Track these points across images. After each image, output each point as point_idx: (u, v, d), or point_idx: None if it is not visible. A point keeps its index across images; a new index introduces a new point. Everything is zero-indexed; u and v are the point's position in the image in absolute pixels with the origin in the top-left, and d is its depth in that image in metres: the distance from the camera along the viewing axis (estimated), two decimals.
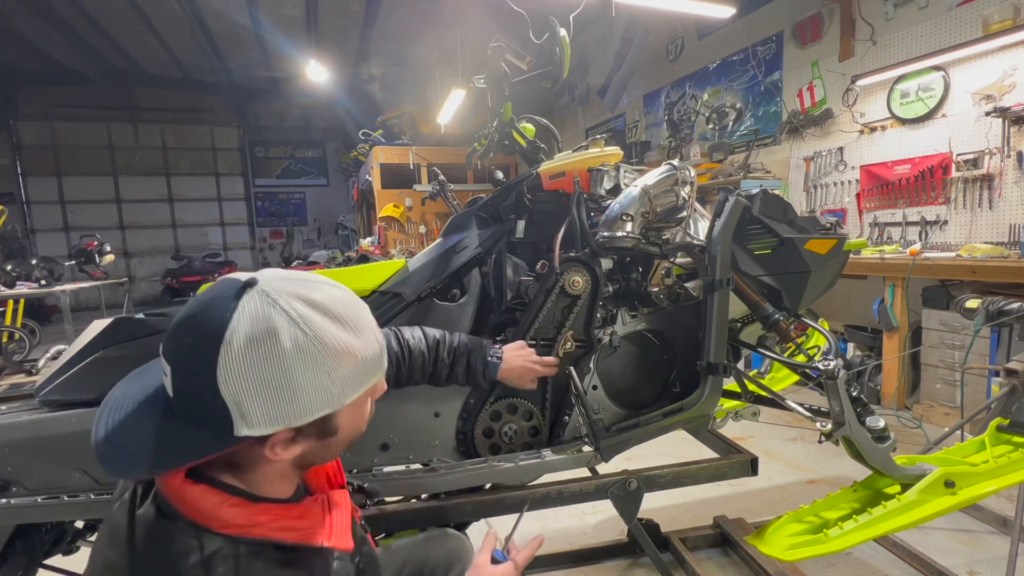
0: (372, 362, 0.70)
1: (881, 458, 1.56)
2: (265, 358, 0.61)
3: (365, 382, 0.69)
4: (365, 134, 9.29)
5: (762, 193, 1.67)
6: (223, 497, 0.66)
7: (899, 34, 4.03)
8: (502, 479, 1.52)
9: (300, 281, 0.67)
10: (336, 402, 0.66)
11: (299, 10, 8.24)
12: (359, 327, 0.68)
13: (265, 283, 0.64)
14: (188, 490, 0.66)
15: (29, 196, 11.96)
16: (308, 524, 0.71)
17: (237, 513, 0.66)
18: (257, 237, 14.31)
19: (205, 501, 0.65)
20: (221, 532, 0.65)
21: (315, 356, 0.63)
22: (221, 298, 0.63)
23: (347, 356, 0.65)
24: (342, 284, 0.73)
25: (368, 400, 0.74)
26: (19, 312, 6.11)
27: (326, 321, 0.65)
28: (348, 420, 0.71)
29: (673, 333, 1.74)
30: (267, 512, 0.68)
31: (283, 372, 0.61)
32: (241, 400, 0.60)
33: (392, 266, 1.69)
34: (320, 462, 0.76)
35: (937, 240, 3.87)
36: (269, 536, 0.67)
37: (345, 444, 0.73)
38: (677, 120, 6.50)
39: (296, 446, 0.67)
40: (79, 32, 8.93)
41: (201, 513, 0.65)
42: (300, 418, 0.64)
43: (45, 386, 1.32)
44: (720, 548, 2.19)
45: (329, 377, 0.64)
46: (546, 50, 1.99)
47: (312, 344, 0.63)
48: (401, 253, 7.27)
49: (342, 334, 0.66)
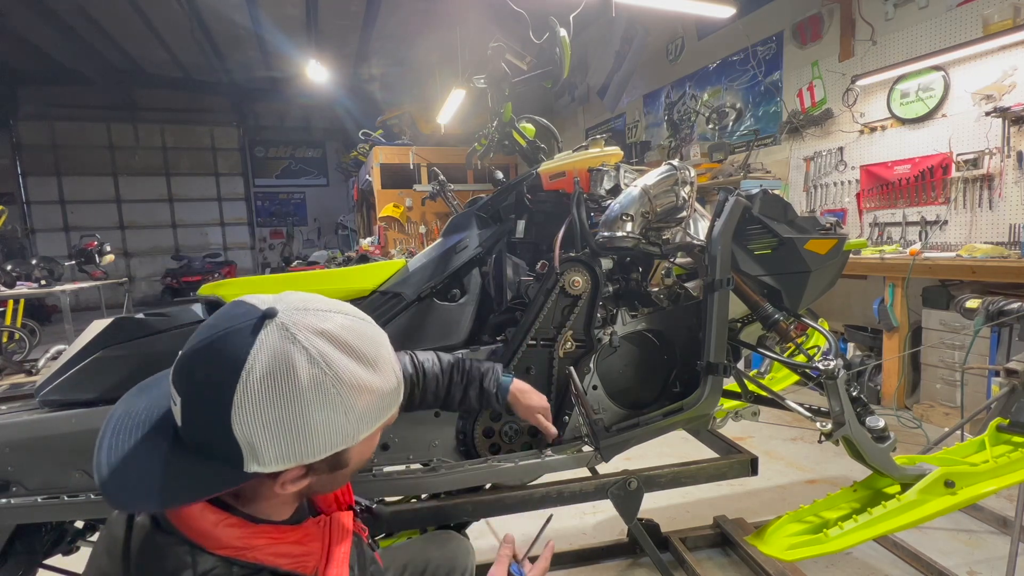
0: (389, 397, 0.69)
1: (881, 458, 1.56)
2: (282, 397, 0.59)
3: (381, 417, 0.68)
4: (365, 134, 9.30)
5: (762, 193, 1.67)
6: (221, 516, 0.65)
7: (899, 34, 4.03)
8: (502, 479, 1.52)
9: (321, 313, 0.65)
10: (351, 439, 0.65)
11: (299, 10, 8.24)
12: (378, 363, 0.67)
13: (285, 315, 0.62)
14: (187, 508, 0.65)
15: (29, 196, 11.96)
16: (304, 551, 0.69)
17: (234, 534, 0.65)
18: (257, 237, 14.31)
19: (202, 519, 0.64)
20: (215, 552, 0.64)
21: (333, 396, 0.61)
22: (238, 330, 0.61)
23: (366, 394, 0.64)
24: (362, 313, 0.71)
25: (380, 432, 0.73)
26: (19, 312, 6.12)
27: (345, 359, 0.63)
28: (359, 452, 0.70)
29: (673, 333, 1.75)
30: (264, 535, 0.67)
31: (300, 412, 0.60)
32: (254, 439, 0.59)
33: (392, 266, 1.69)
34: (326, 492, 0.75)
35: (937, 240, 3.87)
36: (263, 561, 0.65)
37: (352, 474, 0.73)
38: (677, 120, 6.50)
39: (306, 480, 0.66)
40: (79, 32, 8.93)
41: (197, 531, 0.64)
42: (313, 456, 0.62)
43: (45, 386, 1.32)
44: (720, 548, 2.19)
45: (346, 416, 0.63)
46: (546, 50, 1.99)
47: (331, 384, 0.61)
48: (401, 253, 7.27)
49: (361, 372, 0.64)
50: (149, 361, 1.28)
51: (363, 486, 1.44)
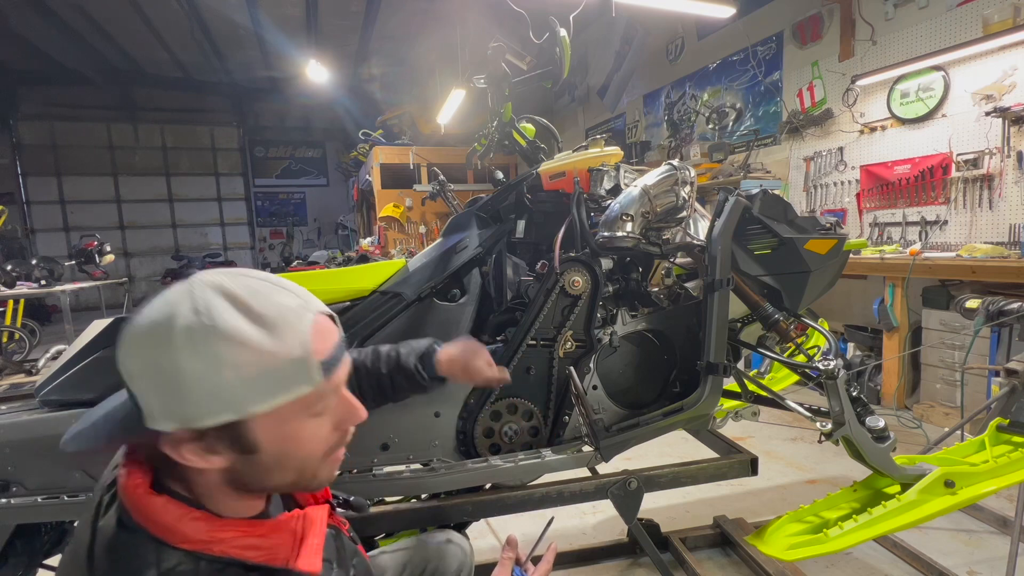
0: (289, 369, 0.61)
1: (881, 458, 1.56)
2: (154, 344, 0.58)
3: (279, 392, 0.61)
4: (365, 134, 9.30)
5: (762, 193, 1.67)
6: (185, 510, 0.63)
7: (899, 34, 4.03)
8: (502, 479, 1.53)
9: (238, 275, 0.63)
10: (237, 408, 0.59)
11: (299, 10, 8.24)
12: (279, 327, 0.61)
13: (201, 274, 0.62)
14: (149, 501, 0.63)
15: (29, 196, 11.96)
16: (274, 544, 0.65)
17: (198, 527, 0.62)
18: (257, 237, 14.31)
19: (166, 513, 0.62)
20: (180, 547, 0.61)
21: (206, 348, 0.57)
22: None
23: (247, 352, 0.59)
24: (295, 286, 0.67)
25: (309, 420, 0.65)
26: (19, 312, 6.11)
27: (233, 312, 0.59)
28: (273, 438, 0.63)
29: (673, 333, 1.75)
30: (230, 529, 0.64)
31: (171, 363, 0.57)
32: (135, 387, 0.59)
33: (392, 266, 1.69)
34: (258, 486, 0.68)
35: (937, 240, 3.87)
36: (231, 554, 0.62)
37: (286, 471, 0.66)
38: (677, 120, 6.50)
39: (214, 457, 0.62)
40: (79, 32, 8.93)
41: (161, 526, 0.62)
42: (195, 419, 0.58)
43: (45, 386, 1.32)
44: (720, 548, 2.19)
45: (220, 376, 0.58)
46: (546, 50, 1.99)
47: (205, 333, 0.57)
48: (401, 253, 7.27)
49: (247, 328, 0.59)
50: None
51: (363, 486, 1.45)
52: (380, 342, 1.57)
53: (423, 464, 1.58)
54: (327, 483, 0.72)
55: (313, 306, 0.67)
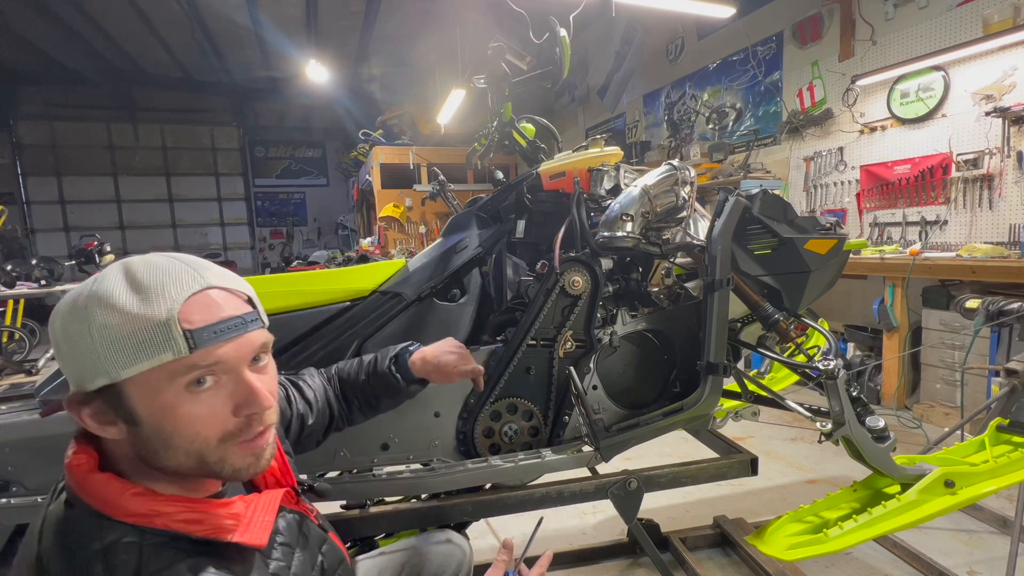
0: (151, 333, 0.61)
1: (881, 458, 1.56)
2: (58, 312, 0.64)
3: (141, 355, 0.61)
4: (365, 134, 9.29)
5: (762, 193, 1.67)
6: (127, 486, 0.64)
7: (899, 34, 4.03)
8: (502, 479, 1.52)
9: (157, 254, 0.68)
10: (106, 369, 0.61)
11: (299, 10, 8.23)
12: (149, 291, 0.62)
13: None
14: (92, 478, 0.64)
15: (29, 196, 11.95)
16: (218, 519, 0.66)
17: (140, 501, 0.63)
18: (257, 237, 14.30)
19: (108, 488, 0.63)
20: (123, 520, 0.62)
21: (82, 312, 0.62)
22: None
23: (112, 312, 0.61)
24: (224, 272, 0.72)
25: (188, 394, 0.64)
26: (19, 312, 6.11)
27: (117, 281, 0.63)
28: (148, 409, 0.63)
29: (673, 333, 1.74)
30: (172, 503, 0.64)
31: (61, 327, 0.63)
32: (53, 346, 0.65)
33: (392, 266, 1.69)
34: (157, 462, 0.66)
35: (937, 240, 3.87)
36: (173, 528, 0.63)
37: (174, 449, 0.65)
38: (677, 120, 6.50)
39: (109, 427, 0.64)
40: (79, 32, 8.93)
41: (104, 501, 0.63)
42: (81, 381, 0.62)
43: (45, 386, 1.32)
44: (720, 548, 2.19)
45: (91, 336, 0.61)
46: (546, 50, 1.99)
47: (87, 300, 0.62)
48: (401, 253, 7.27)
49: (121, 293, 0.62)
50: None
51: (363, 486, 1.44)
52: (380, 342, 1.57)
53: (423, 464, 1.58)
54: (247, 473, 0.70)
55: (209, 280, 0.68)
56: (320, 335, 1.55)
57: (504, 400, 1.60)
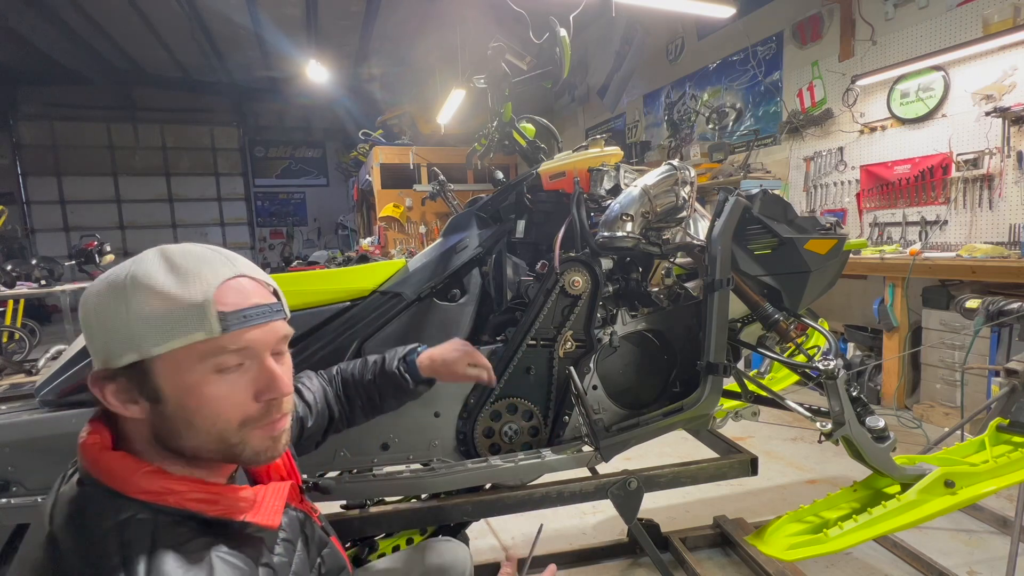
0: (186, 312, 0.63)
1: (881, 458, 1.56)
2: (96, 288, 0.66)
3: (173, 333, 0.63)
4: (365, 134, 9.29)
5: (762, 193, 1.67)
6: (140, 464, 0.65)
7: (899, 34, 4.03)
8: (502, 479, 1.52)
9: (192, 243, 0.71)
10: (137, 345, 0.62)
11: (299, 10, 8.24)
12: (187, 274, 0.66)
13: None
14: (106, 456, 0.64)
15: (29, 196, 11.95)
16: (230, 501, 0.67)
17: (153, 479, 0.63)
18: (257, 237, 14.30)
19: (121, 466, 0.64)
20: (137, 497, 0.62)
21: (122, 288, 0.64)
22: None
23: (150, 292, 0.63)
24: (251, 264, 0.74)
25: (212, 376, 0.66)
26: (19, 312, 6.11)
27: (157, 263, 0.66)
28: (173, 387, 0.64)
29: (673, 333, 1.75)
30: (185, 483, 0.65)
31: (99, 304, 0.65)
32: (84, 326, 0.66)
33: (392, 266, 1.69)
34: (175, 444, 0.67)
35: (937, 240, 3.87)
36: (185, 506, 0.64)
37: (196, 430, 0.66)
38: (677, 120, 6.50)
39: (132, 405, 0.65)
40: (79, 32, 8.93)
41: (117, 479, 0.63)
42: (111, 357, 0.64)
43: (45, 386, 1.32)
44: (720, 548, 2.19)
45: (127, 310, 0.63)
46: (546, 50, 1.99)
47: (125, 279, 0.64)
48: (401, 253, 7.27)
49: (158, 275, 0.65)
50: None
51: (363, 486, 1.44)
52: (380, 342, 1.57)
53: (423, 464, 1.58)
54: (265, 457, 0.71)
55: (241, 268, 0.71)
56: (320, 335, 1.55)
57: (504, 400, 1.60)
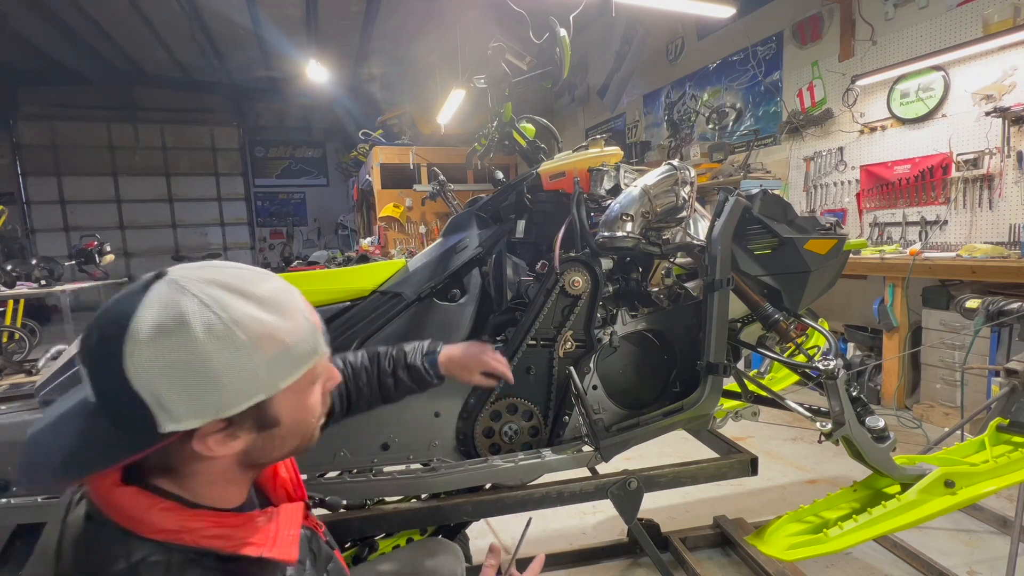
0: (304, 344, 0.65)
1: (881, 458, 1.56)
2: (176, 345, 0.57)
3: (299, 365, 0.65)
4: (365, 134, 9.29)
5: (762, 193, 1.67)
6: (154, 500, 0.62)
7: (899, 34, 4.03)
8: (502, 479, 1.53)
9: (216, 267, 0.64)
10: (267, 387, 0.62)
11: (299, 10, 8.24)
12: (283, 307, 0.64)
13: (176, 272, 0.62)
14: (117, 493, 0.62)
15: (29, 196, 11.95)
16: (246, 534, 0.65)
17: (168, 517, 0.61)
18: (257, 237, 14.31)
19: (135, 504, 0.61)
20: (151, 538, 0.60)
21: (232, 340, 0.59)
22: (129, 292, 0.61)
23: (269, 338, 0.62)
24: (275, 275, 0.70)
25: (314, 388, 0.70)
26: (19, 312, 6.11)
27: (243, 302, 0.61)
28: (290, 409, 0.66)
29: (673, 333, 1.75)
30: (202, 518, 0.63)
31: (199, 358, 0.57)
32: (159, 393, 0.57)
33: (392, 266, 1.69)
34: (268, 459, 0.70)
35: (937, 240, 3.87)
36: (202, 544, 0.62)
37: (295, 439, 0.69)
38: (677, 120, 6.50)
39: (235, 441, 0.63)
40: (79, 32, 8.93)
41: (130, 517, 0.61)
42: (229, 407, 0.60)
43: (45, 386, 1.32)
44: (720, 548, 2.19)
45: (252, 361, 0.60)
46: (546, 50, 1.99)
47: (228, 327, 0.59)
48: (401, 253, 7.27)
49: (263, 315, 0.62)
50: None
51: (363, 486, 1.45)
52: (380, 342, 1.57)
53: (423, 464, 1.58)
54: (313, 444, 0.75)
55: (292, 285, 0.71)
56: None
57: (504, 400, 1.60)
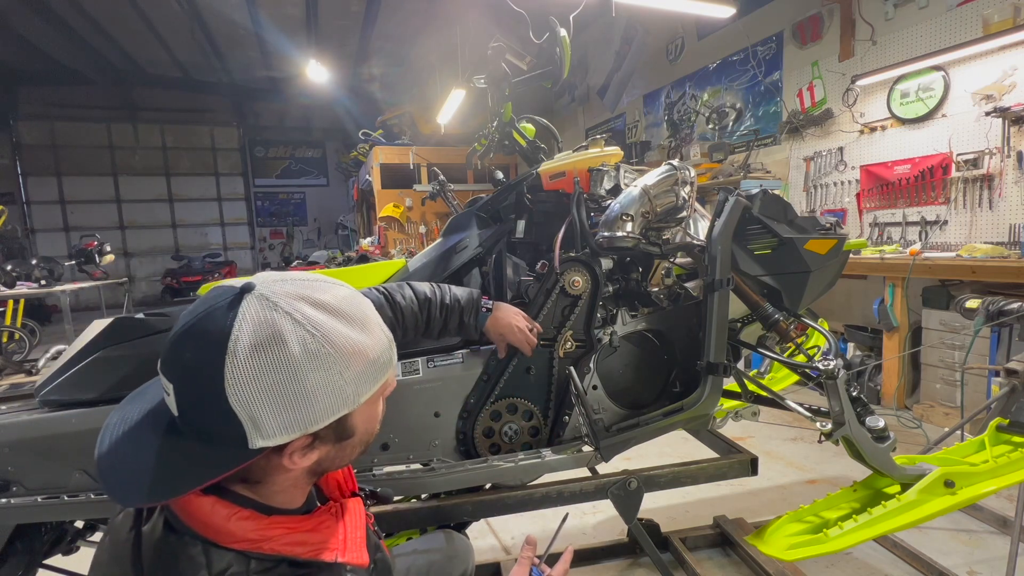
0: (383, 358, 0.67)
1: (881, 458, 1.56)
2: (275, 364, 0.58)
3: (378, 379, 0.67)
4: (365, 134, 9.29)
5: (762, 193, 1.67)
6: (233, 510, 0.64)
7: (899, 34, 4.03)
8: (502, 479, 1.52)
9: (299, 281, 0.64)
10: (352, 402, 0.64)
11: (299, 10, 8.24)
12: (366, 324, 0.66)
13: (263, 287, 0.62)
14: (196, 503, 0.63)
15: (29, 196, 11.96)
16: (321, 538, 0.68)
17: (248, 527, 0.64)
18: (257, 237, 14.32)
19: (214, 514, 0.63)
20: (231, 547, 0.62)
21: (326, 358, 0.60)
22: (218, 307, 0.60)
23: (358, 355, 0.63)
24: (339, 281, 0.70)
25: (380, 398, 0.72)
26: (19, 312, 6.11)
27: (332, 320, 0.62)
28: (363, 420, 0.69)
29: (673, 333, 1.74)
30: (279, 526, 0.66)
31: (295, 377, 0.59)
32: (254, 411, 0.58)
33: (392, 266, 1.69)
34: (336, 467, 0.73)
35: (937, 240, 3.87)
36: (281, 552, 0.64)
37: (361, 446, 0.71)
38: (677, 120, 6.50)
39: (314, 452, 0.65)
40: (79, 32, 8.93)
41: (210, 527, 0.63)
42: (317, 423, 0.61)
43: (45, 386, 1.32)
44: (720, 548, 2.19)
45: (342, 377, 0.62)
46: (546, 50, 1.99)
47: (321, 346, 0.60)
48: (401, 253, 7.27)
49: (351, 332, 0.63)
50: (149, 361, 1.26)
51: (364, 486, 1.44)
52: None
53: (423, 464, 1.58)
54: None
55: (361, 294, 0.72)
56: None
57: (504, 400, 1.60)
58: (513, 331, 1.46)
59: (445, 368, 1.57)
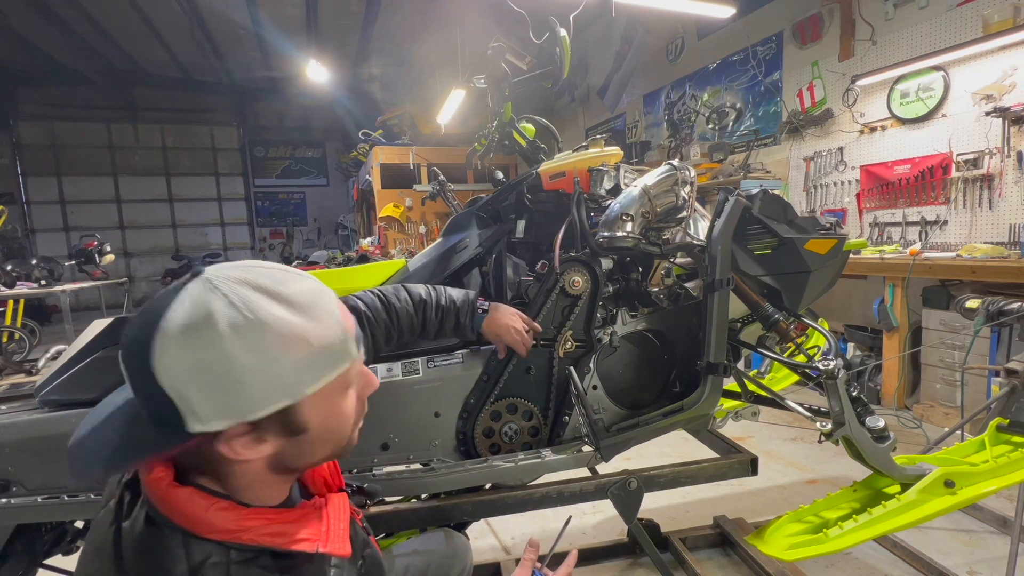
0: (333, 348, 0.64)
1: (881, 458, 1.56)
2: (201, 343, 0.57)
3: (327, 370, 0.64)
4: (365, 134, 9.29)
5: (762, 193, 1.67)
6: (211, 501, 0.63)
7: (899, 34, 4.03)
8: (502, 479, 1.52)
9: (252, 268, 0.63)
10: (292, 392, 0.61)
11: (299, 10, 8.24)
12: (314, 310, 0.63)
13: (212, 271, 0.61)
14: (174, 494, 0.63)
15: (29, 196, 11.95)
16: (302, 529, 0.67)
17: (226, 517, 0.63)
18: (257, 237, 14.31)
19: (193, 505, 0.62)
20: (210, 538, 0.62)
21: (257, 340, 0.58)
22: (169, 290, 0.61)
23: (297, 340, 0.60)
24: (311, 275, 0.69)
25: (345, 393, 0.68)
26: (19, 312, 6.11)
27: (270, 303, 0.60)
28: (319, 415, 0.65)
29: (673, 333, 1.75)
30: (258, 516, 0.65)
31: (223, 359, 0.57)
32: (183, 391, 0.57)
33: (392, 266, 1.69)
34: (300, 464, 0.70)
35: (937, 240, 3.87)
36: (260, 542, 0.63)
37: (327, 445, 0.69)
38: (677, 120, 6.50)
39: (263, 445, 0.63)
40: (79, 32, 8.93)
41: (188, 518, 0.62)
42: (253, 411, 0.59)
43: (45, 386, 1.32)
44: (720, 548, 2.19)
45: (277, 363, 0.59)
46: (546, 50, 1.99)
47: (253, 327, 0.58)
48: (401, 253, 7.27)
49: (290, 316, 0.60)
50: None
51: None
52: None
53: (423, 464, 1.58)
54: (350, 450, 0.75)
55: (326, 286, 0.70)
56: None
57: (504, 400, 1.60)
58: (509, 332, 1.46)
59: (445, 368, 1.58)
